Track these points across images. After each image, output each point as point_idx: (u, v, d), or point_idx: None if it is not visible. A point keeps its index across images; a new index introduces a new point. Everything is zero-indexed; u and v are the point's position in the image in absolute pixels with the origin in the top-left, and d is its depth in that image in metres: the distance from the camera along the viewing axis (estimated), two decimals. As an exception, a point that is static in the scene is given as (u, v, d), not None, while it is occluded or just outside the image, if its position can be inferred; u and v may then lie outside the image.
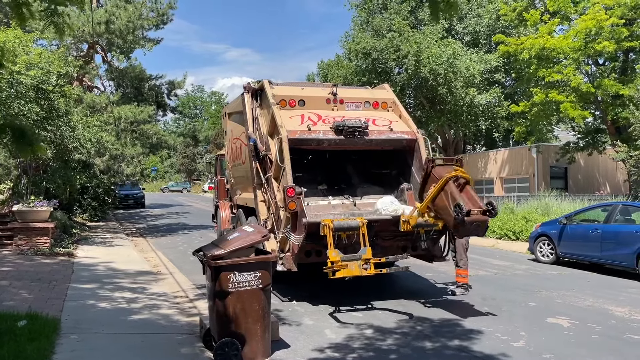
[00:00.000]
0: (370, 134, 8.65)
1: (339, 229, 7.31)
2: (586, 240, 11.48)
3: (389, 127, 8.98)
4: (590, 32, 19.91)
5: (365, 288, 8.93)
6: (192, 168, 76.01)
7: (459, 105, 26.57)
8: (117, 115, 21.44)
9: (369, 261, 7.13)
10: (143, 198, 35.89)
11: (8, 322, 5.72)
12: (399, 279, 10.02)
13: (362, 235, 7.38)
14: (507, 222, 16.83)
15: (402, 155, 9.22)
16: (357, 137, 8.50)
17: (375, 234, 7.93)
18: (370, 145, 8.93)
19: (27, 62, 12.17)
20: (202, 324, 5.99)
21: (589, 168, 27.47)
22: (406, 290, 9.04)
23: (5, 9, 16.26)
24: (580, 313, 7.62)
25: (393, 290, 8.99)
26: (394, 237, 8.08)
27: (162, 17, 24.00)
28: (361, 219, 7.55)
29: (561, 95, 20.80)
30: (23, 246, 11.79)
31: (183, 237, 17.43)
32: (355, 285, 8.92)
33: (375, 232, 7.88)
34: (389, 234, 8.08)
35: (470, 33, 29.33)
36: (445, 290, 9.04)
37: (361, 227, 7.39)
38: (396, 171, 9.40)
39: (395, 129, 8.97)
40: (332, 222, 7.30)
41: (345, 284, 8.83)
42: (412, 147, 8.96)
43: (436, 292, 8.95)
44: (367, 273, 7.10)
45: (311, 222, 7.34)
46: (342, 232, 7.35)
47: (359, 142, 8.60)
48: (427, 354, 5.79)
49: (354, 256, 7.16)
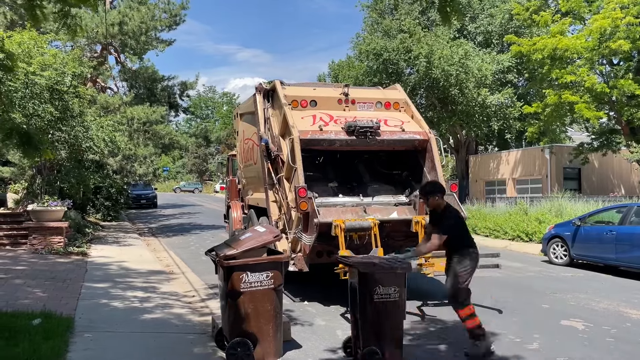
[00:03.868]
0: (382, 135, 8.59)
1: (351, 229, 7.32)
2: (600, 242, 11.35)
3: (401, 127, 8.92)
4: (605, 32, 19.69)
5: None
6: (204, 168, 76.34)
7: (471, 106, 26.40)
8: (130, 116, 21.60)
9: None
10: (155, 198, 36.12)
11: (23, 321, 5.78)
12: (412, 280, 9.96)
13: (373, 236, 7.37)
14: (519, 224, 16.70)
15: (414, 156, 9.17)
16: (368, 137, 8.45)
17: (387, 235, 7.90)
18: (382, 146, 8.89)
19: (42, 63, 12.31)
20: (214, 323, 6.01)
21: (603, 169, 27.17)
22: (417, 291, 8.99)
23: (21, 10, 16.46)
24: (594, 315, 7.53)
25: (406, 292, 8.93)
26: (406, 237, 8.04)
27: (174, 18, 24.13)
28: (373, 219, 7.55)
29: (575, 96, 20.60)
30: (37, 245, 11.92)
31: (195, 237, 17.52)
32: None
33: (387, 232, 7.85)
34: (400, 234, 8.05)
35: (482, 33, 29.14)
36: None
37: (373, 227, 7.39)
38: (408, 171, 9.35)
39: (407, 130, 8.91)
40: (343, 223, 7.29)
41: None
42: (424, 147, 8.90)
43: (448, 293, 8.88)
44: None
45: (322, 223, 7.32)
46: (354, 233, 7.36)
47: (370, 142, 8.56)
48: (440, 355, 5.76)
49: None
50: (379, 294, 5.13)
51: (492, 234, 17.38)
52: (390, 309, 5.19)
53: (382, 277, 5.17)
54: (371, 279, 5.16)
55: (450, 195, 8.32)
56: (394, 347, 5.22)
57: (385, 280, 5.17)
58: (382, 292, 5.14)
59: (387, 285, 5.16)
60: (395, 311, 5.22)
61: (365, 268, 5.25)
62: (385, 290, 5.15)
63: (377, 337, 5.16)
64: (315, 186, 8.48)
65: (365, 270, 5.22)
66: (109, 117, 17.79)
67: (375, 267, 5.26)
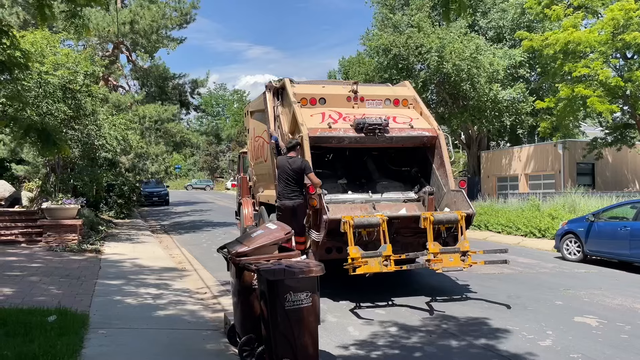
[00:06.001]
0: (390, 132, 8.64)
1: (360, 225, 7.34)
2: (615, 237, 11.23)
3: (410, 124, 8.96)
4: (618, 24, 19.44)
5: (387, 285, 8.89)
6: (215, 166, 76.68)
7: (483, 101, 26.19)
8: (142, 114, 21.76)
9: (390, 258, 7.23)
10: (167, 195, 36.35)
11: (38, 317, 5.86)
12: (421, 276, 9.96)
13: (382, 232, 7.40)
14: (532, 220, 16.58)
15: (423, 152, 9.21)
16: (377, 134, 8.50)
17: (396, 231, 7.93)
18: (391, 143, 8.94)
19: (55, 63, 12.43)
20: (226, 320, 6.04)
21: (617, 164, 26.86)
22: (429, 287, 8.98)
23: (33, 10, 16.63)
24: (608, 312, 7.47)
25: (415, 288, 8.93)
26: (415, 234, 8.05)
27: (185, 17, 24.21)
28: (381, 215, 7.60)
29: (588, 90, 20.36)
30: (52, 243, 12.08)
31: (206, 234, 17.61)
32: (377, 282, 8.91)
33: (395, 229, 7.88)
34: (409, 230, 8.07)
35: (494, 28, 28.89)
36: (468, 287, 8.95)
37: (381, 224, 7.42)
38: (417, 168, 9.39)
39: (415, 126, 8.95)
40: (352, 219, 7.32)
41: (366, 280, 8.88)
42: (433, 144, 8.96)
43: (460, 289, 8.86)
44: (387, 269, 7.18)
45: (332, 219, 7.37)
46: (363, 229, 7.38)
47: (379, 139, 8.61)
48: (452, 352, 5.74)
49: (374, 253, 7.22)
50: (290, 300, 4.67)
51: (505, 230, 17.28)
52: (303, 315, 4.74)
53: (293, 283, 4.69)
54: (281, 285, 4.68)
55: (459, 191, 8.41)
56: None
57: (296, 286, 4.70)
58: (294, 299, 4.68)
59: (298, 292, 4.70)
60: (308, 317, 4.77)
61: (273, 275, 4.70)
62: (296, 297, 4.69)
63: (291, 346, 4.70)
64: (325, 183, 8.52)
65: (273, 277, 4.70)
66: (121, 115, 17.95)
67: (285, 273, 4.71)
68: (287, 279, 4.66)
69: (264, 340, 4.91)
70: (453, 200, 8.47)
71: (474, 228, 18.32)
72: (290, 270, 4.70)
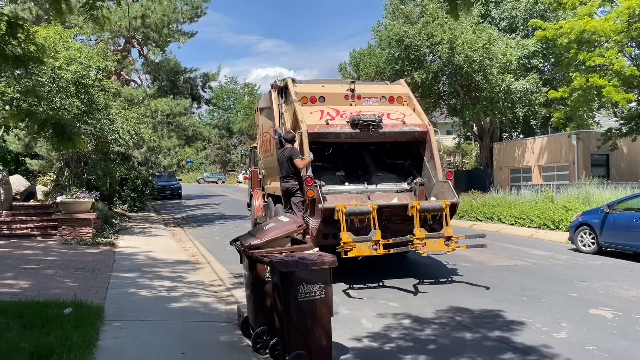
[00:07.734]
0: (384, 127, 9.37)
1: (351, 213, 8.02)
2: (630, 229, 11.11)
3: (402, 120, 9.65)
4: (634, 13, 19.10)
5: (399, 276, 8.88)
6: (227, 159, 76.90)
7: (495, 92, 25.90)
8: (154, 108, 21.84)
9: (379, 242, 7.94)
10: (180, 189, 36.55)
11: (55, 310, 5.92)
12: (433, 268, 9.94)
13: (372, 220, 8.05)
14: (546, 211, 16.44)
15: (414, 146, 9.86)
16: (371, 130, 9.21)
17: (387, 219, 8.55)
18: (385, 138, 9.64)
19: (68, 58, 12.51)
20: (239, 312, 6.08)
21: (632, 155, 26.48)
22: (442, 280, 8.96)
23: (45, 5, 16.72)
24: (623, 304, 7.40)
25: (430, 280, 8.91)
26: (404, 221, 8.53)
27: (196, 11, 24.21)
28: (372, 204, 8.27)
29: (603, 80, 20.06)
30: (67, 236, 12.20)
31: (219, 227, 17.70)
32: (390, 274, 8.92)
33: (386, 217, 8.52)
34: (399, 218, 8.61)
35: (506, 18, 28.53)
36: (482, 279, 8.90)
37: (371, 212, 8.07)
38: (410, 161, 10.04)
39: (407, 122, 9.65)
40: (345, 208, 8.01)
41: (380, 272, 8.95)
42: (424, 138, 9.63)
43: (474, 281, 8.82)
44: (376, 253, 7.90)
45: (326, 208, 8.05)
46: (355, 217, 8.05)
47: (373, 134, 9.30)
48: (466, 344, 5.73)
49: (364, 238, 7.93)
50: (303, 292, 4.68)
51: (518, 222, 17.14)
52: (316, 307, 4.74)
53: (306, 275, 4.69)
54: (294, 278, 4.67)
55: (446, 182, 9.07)
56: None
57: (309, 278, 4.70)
58: (307, 291, 4.68)
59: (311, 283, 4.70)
60: (321, 309, 4.77)
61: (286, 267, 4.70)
62: (309, 289, 4.69)
63: (304, 338, 4.71)
64: (324, 175, 9.33)
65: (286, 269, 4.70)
66: (133, 109, 18.05)
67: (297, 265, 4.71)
68: (299, 271, 4.69)
69: (277, 332, 4.95)
70: (441, 190, 9.10)
71: (486, 220, 18.23)
72: (303, 262, 4.73)
